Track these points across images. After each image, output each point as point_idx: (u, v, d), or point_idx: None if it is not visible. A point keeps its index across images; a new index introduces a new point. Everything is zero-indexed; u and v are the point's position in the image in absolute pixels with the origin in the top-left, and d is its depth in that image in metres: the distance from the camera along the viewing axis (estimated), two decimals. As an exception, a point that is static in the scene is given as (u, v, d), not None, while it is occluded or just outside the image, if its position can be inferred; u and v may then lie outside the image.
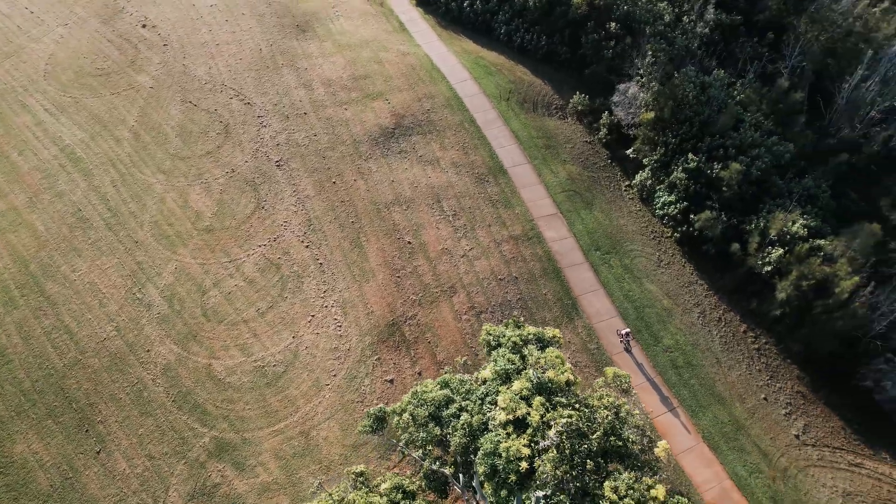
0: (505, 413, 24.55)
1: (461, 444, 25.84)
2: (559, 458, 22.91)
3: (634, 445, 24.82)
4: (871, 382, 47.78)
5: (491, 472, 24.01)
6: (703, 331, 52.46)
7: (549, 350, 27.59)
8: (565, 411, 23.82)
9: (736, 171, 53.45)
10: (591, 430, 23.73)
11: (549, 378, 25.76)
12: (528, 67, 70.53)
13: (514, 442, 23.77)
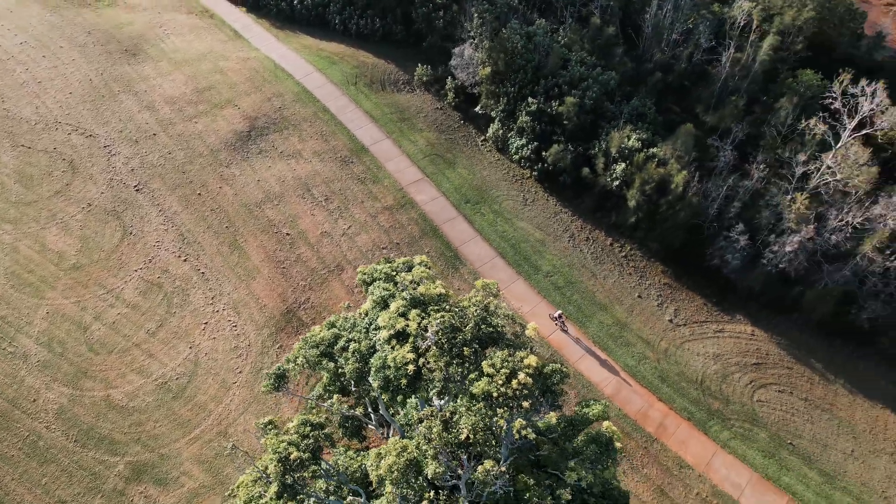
0: (386, 330, 26.75)
1: (355, 370, 27.80)
2: (439, 352, 25.44)
3: (505, 328, 27.89)
4: (718, 260, 54.63)
5: (385, 384, 26.13)
6: (575, 252, 57.44)
7: (416, 269, 30.13)
8: (438, 314, 26.39)
9: (572, 104, 58.82)
10: (463, 324, 26.45)
11: (421, 293, 28.23)
12: (370, 51, 73.03)
13: (399, 351, 26.03)
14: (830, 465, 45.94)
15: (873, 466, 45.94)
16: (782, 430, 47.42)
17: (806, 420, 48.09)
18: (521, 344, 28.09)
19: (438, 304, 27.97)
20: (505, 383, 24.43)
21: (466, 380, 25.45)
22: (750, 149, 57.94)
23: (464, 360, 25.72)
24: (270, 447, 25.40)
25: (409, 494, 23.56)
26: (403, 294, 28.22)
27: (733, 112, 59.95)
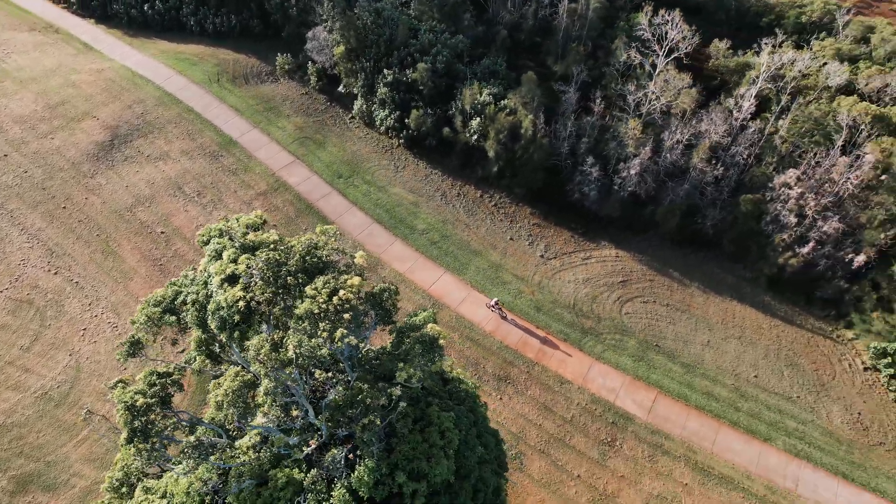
0: (218, 276, 28.24)
1: (196, 318, 29.23)
2: (264, 285, 27.20)
3: (333, 259, 29.94)
4: (578, 194, 58.80)
5: (221, 324, 27.63)
6: (447, 208, 60.28)
7: (244, 218, 31.79)
8: (263, 253, 28.13)
9: (424, 70, 61.53)
10: (288, 259, 28.30)
11: (251, 240, 29.88)
12: (231, 48, 73.44)
13: (230, 291, 27.62)
14: (691, 357, 50.69)
15: (725, 351, 51.02)
16: (648, 335, 51.85)
17: (668, 323, 52.75)
18: (350, 269, 30.10)
19: (268, 247, 29.66)
20: (326, 301, 26.45)
21: (292, 307, 27.32)
22: (595, 90, 62.36)
23: (289, 289, 27.59)
24: (118, 399, 26.47)
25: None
26: (234, 243, 29.77)
27: (576, 58, 64.19)
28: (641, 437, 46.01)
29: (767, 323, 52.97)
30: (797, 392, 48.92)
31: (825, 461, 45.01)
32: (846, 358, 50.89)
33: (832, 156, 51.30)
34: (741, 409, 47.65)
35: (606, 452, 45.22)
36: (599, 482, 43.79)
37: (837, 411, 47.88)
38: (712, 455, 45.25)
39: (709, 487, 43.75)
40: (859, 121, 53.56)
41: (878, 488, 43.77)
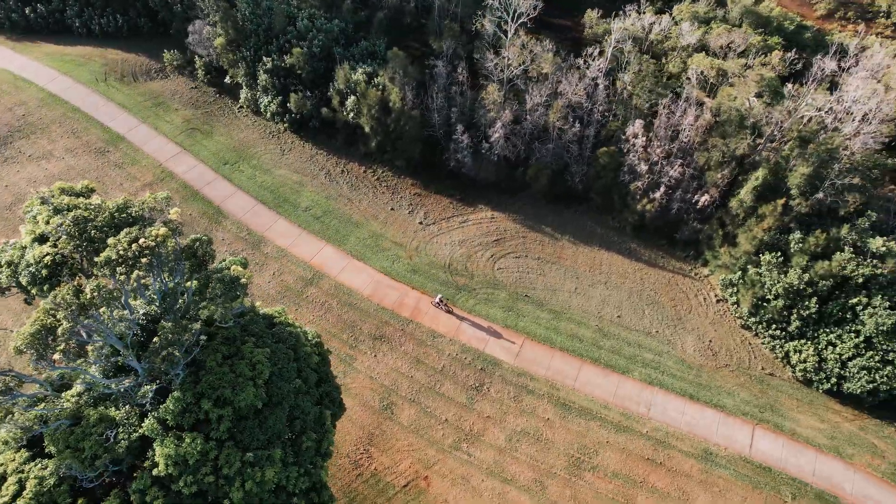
0: (28, 236, 29.89)
1: (9, 276, 30.82)
2: (68, 239, 28.93)
3: (146, 215, 31.77)
4: (454, 162, 61.41)
5: (31, 279, 29.26)
6: (331, 185, 62.33)
7: (61, 183, 33.42)
8: (71, 213, 29.84)
9: (300, 55, 63.50)
10: (97, 216, 30.06)
11: (66, 202, 31.55)
12: (119, 48, 74.29)
13: (38, 249, 29.28)
14: (558, 304, 53.63)
15: (591, 296, 54.12)
16: (519, 287, 54.66)
17: (538, 274, 55.64)
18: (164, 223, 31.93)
19: (81, 208, 31.35)
20: (126, 249, 28.30)
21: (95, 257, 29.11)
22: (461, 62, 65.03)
23: (94, 242, 29.37)
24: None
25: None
26: (48, 207, 31.40)
27: (450, 35, 66.81)
28: (508, 380, 48.68)
29: (632, 267, 56.27)
30: (656, 327, 52.22)
31: (676, 386, 48.31)
32: (702, 293, 54.46)
33: (680, 107, 54.83)
34: (603, 347, 50.70)
35: (474, 396, 47.75)
36: (466, 423, 46.28)
37: (691, 341, 51.31)
38: (573, 390, 48.15)
39: (569, 420, 46.60)
40: (707, 74, 57.42)
41: (720, 404, 47.23)
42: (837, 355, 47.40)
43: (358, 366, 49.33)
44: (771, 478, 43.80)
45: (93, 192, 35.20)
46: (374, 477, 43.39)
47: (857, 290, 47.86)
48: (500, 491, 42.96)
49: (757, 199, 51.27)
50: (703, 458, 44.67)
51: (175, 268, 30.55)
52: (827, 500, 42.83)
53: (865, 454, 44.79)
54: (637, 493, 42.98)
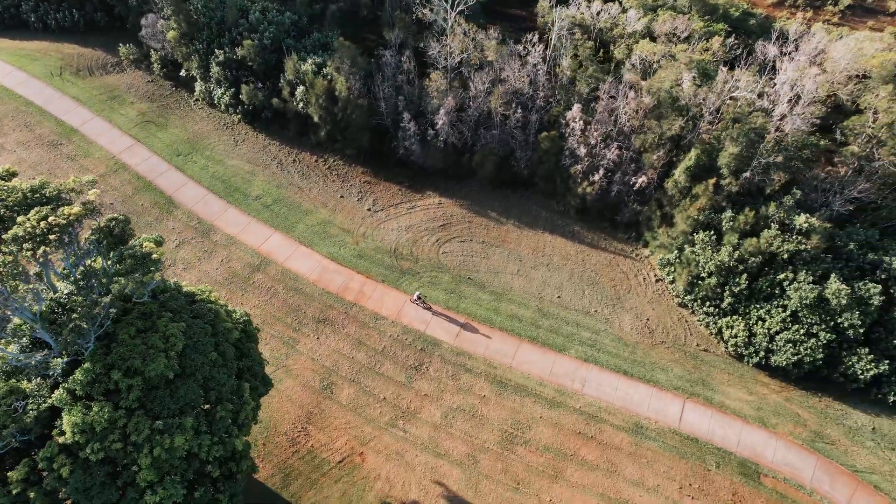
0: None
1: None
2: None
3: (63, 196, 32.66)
4: (403, 150, 62.40)
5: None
6: (282, 174, 63.21)
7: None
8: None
9: (250, 47, 64.31)
10: (9, 196, 30.97)
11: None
12: (76, 42, 74.89)
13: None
14: (500, 286, 54.72)
15: (532, 278, 55.24)
16: (462, 270, 55.73)
17: (482, 258, 56.72)
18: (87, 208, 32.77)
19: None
20: (34, 226, 29.18)
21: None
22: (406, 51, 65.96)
23: (3, 220, 30.23)
24: None
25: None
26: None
27: (401, 25, 67.81)
28: (447, 360, 49.75)
29: (575, 250, 57.44)
30: (595, 307, 53.39)
31: (611, 363, 49.49)
32: (641, 273, 55.67)
33: (621, 91, 55.96)
34: (541, 327, 51.84)
35: (413, 376, 48.80)
36: (403, 402, 47.32)
37: (629, 320, 52.50)
38: (510, 369, 49.26)
39: (504, 396, 47.71)
40: (650, 59, 58.57)
41: (653, 379, 48.45)
42: (766, 330, 48.72)
43: (300, 348, 50.29)
44: (697, 448, 45.05)
45: (14, 175, 35.90)
46: (311, 453, 44.38)
47: (784, 266, 49.19)
48: (433, 465, 44.03)
49: (692, 179, 52.50)
50: (633, 432, 45.87)
51: (90, 246, 31.45)
52: (749, 467, 44.12)
53: (789, 423, 46.11)
54: (567, 466, 44.14)
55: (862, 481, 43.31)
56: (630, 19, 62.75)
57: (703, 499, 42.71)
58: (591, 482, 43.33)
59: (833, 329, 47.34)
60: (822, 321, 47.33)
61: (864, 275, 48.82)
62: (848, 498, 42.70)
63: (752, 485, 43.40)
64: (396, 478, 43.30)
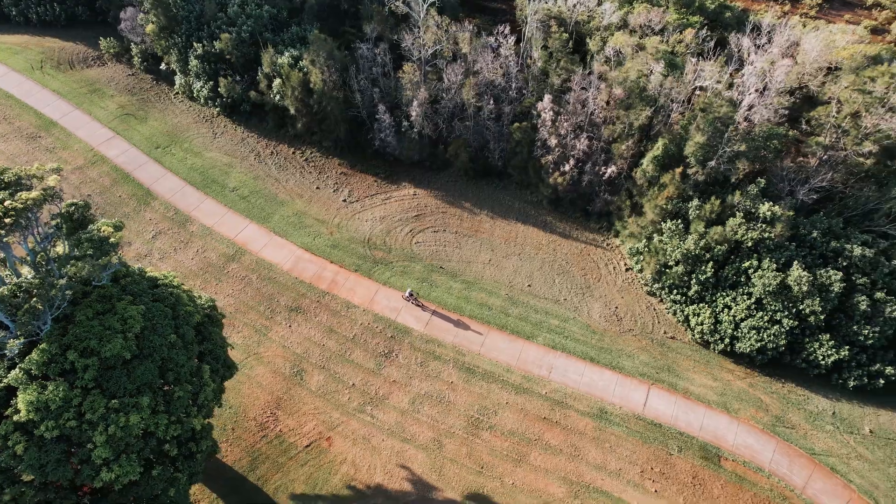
0: None
1: None
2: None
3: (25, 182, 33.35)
4: (378, 142, 63.03)
5: None
6: (260, 166, 63.83)
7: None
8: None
9: (228, 40, 64.87)
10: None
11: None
12: (57, 36, 75.46)
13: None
14: (472, 275, 55.36)
15: (504, 267, 55.88)
16: (435, 259, 56.37)
17: (455, 247, 57.36)
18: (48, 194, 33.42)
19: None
20: (-8, 209, 29.87)
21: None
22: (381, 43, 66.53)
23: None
24: None
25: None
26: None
27: (379, 19, 68.39)
28: (416, 347, 50.41)
29: (546, 239, 58.08)
30: (565, 295, 54.05)
31: (578, 350, 50.16)
32: (612, 262, 56.32)
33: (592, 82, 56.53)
34: (511, 315, 52.50)
35: (382, 362, 49.48)
36: (372, 388, 48.01)
37: (597, 308, 53.17)
38: (479, 355, 49.93)
39: (472, 383, 48.40)
40: (624, 52, 59.12)
41: (618, 366, 49.12)
42: (731, 317, 49.40)
43: (272, 335, 50.95)
44: (661, 433, 45.75)
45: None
46: (279, 438, 45.07)
47: (749, 254, 49.85)
48: (398, 449, 44.72)
49: (660, 169, 53.13)
50: (597, 417, 46.56)
51: (50, 231, 32.11)
52: (710, 450, 44.82)
53: (751, 408, 46.81)
54: (530, 450, 44.82)
55: (819, 464, 44.03)
56: (606, 12, 63.31)
57: (664, 482, 43.42)
58: (553, 466, 44.03)
59: (795, 316, 48.04)
60: (784, 308, 48.02)
61: (827, 262, 49.48)
62: (805, 480, 43.41)
63: (712, 468, 44.12)
64: (362, 461, 44.00)
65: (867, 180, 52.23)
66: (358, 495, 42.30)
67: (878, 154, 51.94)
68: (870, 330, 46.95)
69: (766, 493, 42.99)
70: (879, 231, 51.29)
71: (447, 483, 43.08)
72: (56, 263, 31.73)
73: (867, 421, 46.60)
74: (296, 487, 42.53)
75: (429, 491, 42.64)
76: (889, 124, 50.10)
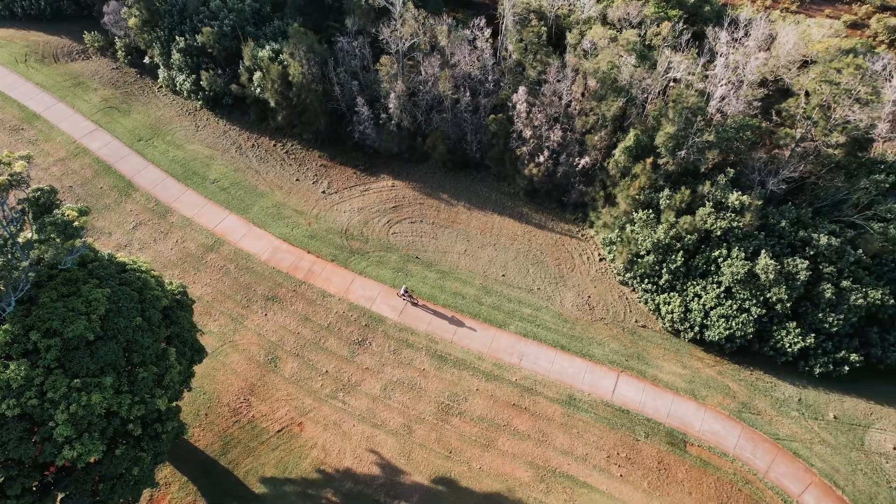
0: None
1: None
2: None
3: None
4: (358, 135, 63.68)
5: None
6: (241, 158, 64.48)
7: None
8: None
9: (209, 34, 65.47)
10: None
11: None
12: (42, 30, 76.12)
13: None
14: (447, 264, 56.01)
15: (479, 257, 56.51)
16: (411, 250, 57.02)
17: (431, 238, 58.01)
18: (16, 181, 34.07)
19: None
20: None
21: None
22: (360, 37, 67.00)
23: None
24: None
25: None
26: None
27: (359, 11, 68.96)
28: (390, 335, 51.07)
29: (522, 230, 58.71)
30: (538, 285, 54.69)
31: (549, 338, 50.80)
32: (586, 252, 56.97)
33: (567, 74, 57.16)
34: (484, 304, 53.15)
35: (356, 350, 50.15)
36: (345, 375, 48.69)
37: (570, 297, 53.81)
38: (451, 343, 50.58)
39: (443, 370, 49.06)
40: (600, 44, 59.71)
41: (588, 353, 49.78)
42: (701, 305, 50.04)
43: (248, 324, 51.62)
44: (628, 419, 46.40)
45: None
46: (251, 423, 45.76)
47: (718, 243, 50.50)
48: (369, 434, 45.40)
49: (633, 160, 53.74)
50: (566, 403, 47.22)
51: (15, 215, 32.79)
52: (676, 436, 45.48)
53: (718, 395, 47.47)
54: (499, 436, 45.49)
55: (782, 448, 44.69)
56: (586, 5, 63.93)
57: (630, 466, 44.08)
58: (521, 451, 44.69)
59: (763, 304, 48.69)
60: (752, 296, 48.67)
61: (796, 251, 50.10)
62: (768, 464, 44.07)
63: (677, 453, 44.77)
64: (332, 446, 44.68)
65: (837, 171, 52.85)
66: (327, 479, 42.98)
67: (848, 145, 52.60)
68: (834, 318, 47.59)
69: (730, 477, 43.65)
70: (848, 221, 51.88)
71: (415, 467, 43.76)
72: (21, 246, 32.40)
73: (832, 407, 47.24)
74: (266, 471, 43.22)
75: (397, 475, 43.32)
76: (857, 116, 50.75)
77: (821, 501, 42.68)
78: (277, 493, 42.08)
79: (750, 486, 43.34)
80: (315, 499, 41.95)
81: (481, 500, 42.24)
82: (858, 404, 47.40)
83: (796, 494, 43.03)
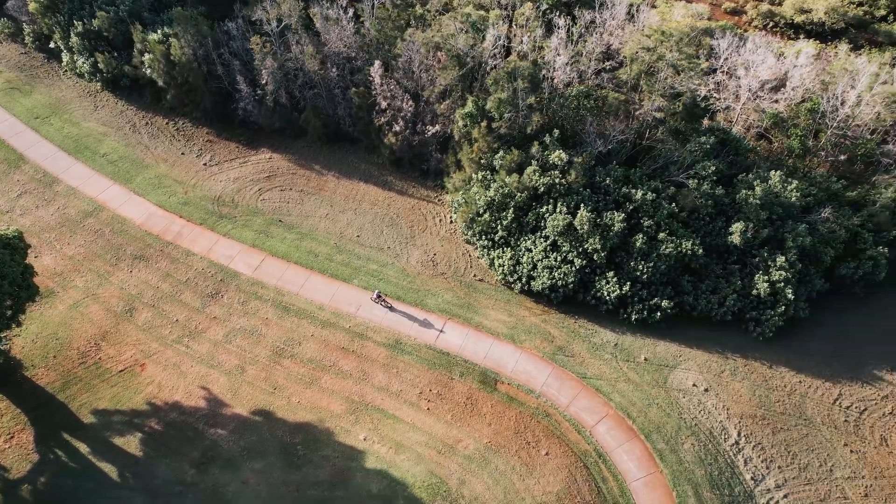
0: None
1: None
2: None
3: None
4: (241, 111, 67.72)
5: None
6: (133, 135, 68.62)
7: None
8: None
9: (104, 18, 69.62)
10: None
11: None
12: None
13: None
14: (307, 227, 59.80)
15: (338, 220, 60.28)
16: (276, 214, 60.87)
17: (297, 203, 61.85)
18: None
19: None
20: None
21: None
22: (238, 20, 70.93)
23: None
24: None
25: None
26: None
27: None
28: (242, 289, 54.85)
29: (384, 196, 62.47)
30: (389, 244, 58.38)
31: (389, 290, 54.40)
32: (439, 215, 60.65)
33: (415, 48, 60.94)
34: (334, 261, 56.86)
35: (208, 302, 53.92)
36: (193, 323, 52.46)
37: (417, 255, 57.44)
38: (297, 296, 54.30)
39: (285, 319, 52.76)
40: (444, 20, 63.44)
41: (422, 303, 53.40)
42: (531, 259, 53.57)
43: (113, 279, 55.50)
44: (447, 361, 49.90)
45: None
46: (97, 364, 49.56)
47: (546, 199, 54.11)
48: (203, 374, 49.11)
49: (474, 125, 57.46)
50: (392, 347, 50.77)
51: None
52: (489, 375, 48.92)
53: (536, 340, 50.91)
54: (323, 375, 49.09)
55: (587, 386, 48.04)
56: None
57: (439, 402, 47.54)
58: (340, 388, 48.27)
59: (583, 255, 52.19)
60: (573, 248, 52.21)
61: (619, 207, 53.63)
62: (570, 399, 47.43)
63: (487, 390, 48.19)
64: (167, 383, 48.41)
65: (678, 137, 56.36)
66: (154, 410, 46.68)
67: (679, 111, 56.15)
68: (644, 265, 51.06)
69: (531, 411, 47.03)
70: (676, 181, 55.38)
71: (239, 401, 47.41)
72: None
73: (645, 350, 50.56)
74: (99, 404, 46.98)
75: (220, 407, 46.98)
76: (675, 81, 54.46)
77: (612, 430, 46.00)
78: (104, 422, 45.82)
79: (549, 418, 46.69)
80: (139, 426, 45.66)
81: (292, 427, 45.85)
82: (670, 348, 50.69)
83: (591, 425, 46.36)
